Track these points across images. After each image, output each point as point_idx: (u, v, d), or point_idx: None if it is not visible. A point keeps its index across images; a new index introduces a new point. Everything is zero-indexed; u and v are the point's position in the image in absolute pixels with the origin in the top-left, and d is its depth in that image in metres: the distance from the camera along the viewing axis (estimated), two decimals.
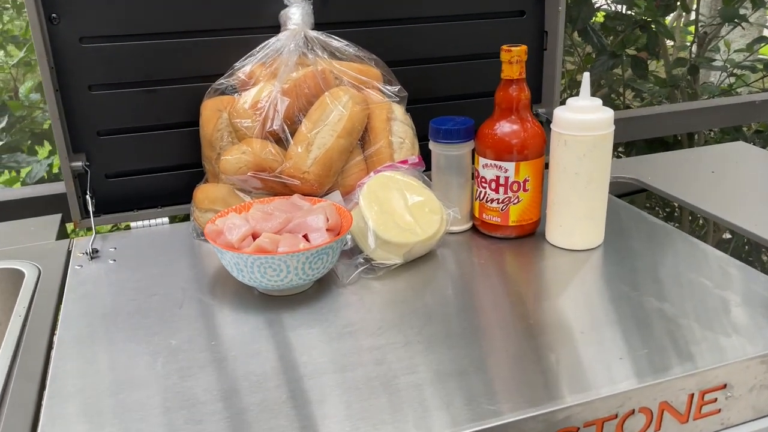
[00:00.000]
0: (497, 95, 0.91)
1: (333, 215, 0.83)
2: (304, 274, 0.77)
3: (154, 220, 1.03)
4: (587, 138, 0.85)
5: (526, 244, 0.94)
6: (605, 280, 0.84)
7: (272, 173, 0.89)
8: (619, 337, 0.72)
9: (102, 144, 1.01)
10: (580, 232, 0.90)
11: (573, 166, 0.87)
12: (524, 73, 0.89)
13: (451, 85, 1.15)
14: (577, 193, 0.88)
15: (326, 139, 0.90)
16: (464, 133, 0.93)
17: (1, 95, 1.76)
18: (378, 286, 0.83)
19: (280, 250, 0.76)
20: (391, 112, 0.98)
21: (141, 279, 0.87)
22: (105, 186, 1.03)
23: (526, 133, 0.90)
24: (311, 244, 0.78)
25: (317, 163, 0.90)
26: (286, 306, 0.79)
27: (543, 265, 0.89)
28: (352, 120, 0.92)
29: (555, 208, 0.91)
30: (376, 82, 0.99)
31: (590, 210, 0.89)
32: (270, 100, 0.90)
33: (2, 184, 1.69)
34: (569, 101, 0.87)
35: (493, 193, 0.92)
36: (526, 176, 0.91)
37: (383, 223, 0.85)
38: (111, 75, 0.99)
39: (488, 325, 0.75)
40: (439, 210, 0.90)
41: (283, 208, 0.84)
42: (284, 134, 0.91)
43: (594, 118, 0.85)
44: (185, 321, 0.77)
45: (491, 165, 0.91)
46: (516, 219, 0.93)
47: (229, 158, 0.89)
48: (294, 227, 0.80)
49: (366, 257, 0.86)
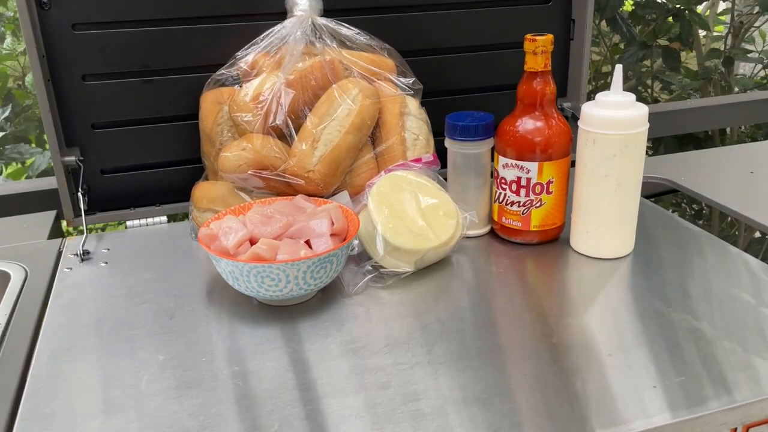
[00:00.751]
0: (520, 89, 0.83)
1: (339, 219, 0.76)
2: (306, 284, 0.71)
3: (151, 219, 0.97)
4: (618, 137, 0.77)
5: (549, 251, 0.86)
6: (634, 293, 0.76)
7: (274, 172, 0.82)
8: (651, 362, 0.64)
9: (97, 137, 0.95)
10: (607, 239, 0.82)
11: (602, 168, 0.79)
12: (550, 65, 0.82)
13: (470, 77, 1.07)
14: (606, 197, 0.80)
15: (333, 135, 0.84)
16: (483, 130, 0.86)
17: (7, 83, 1.71)
18: (386, 297, 0.77)
19: (279, 257, 0.69)
20: (405, 106, 0.90)
21: (132, 284, 0.81)
22: (100, 182, 0.98)
23: (550, 131, 0.82)
24: (313, 252, 0.71)
25: (323, 162, 0.83)
26: (285, 318, 0.73)
27: (566, 276, 0.81)
28: (361, 114, 0.85)
29: (581, 213, 0.83)
30: (389, 74, 0.92)
31: (620, 216, 0.81)
32: (273, 92, 0.83)
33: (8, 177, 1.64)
34: (599, 96, 0.79)
35: (514, 196, 0.85)
36: (550, 177, 0.83)
37: (393, 228, 0.78)
38: (106, 64, 0.92)
39: (507, 344, 0.68)
40: (455, 213, 0.83)
41: (284, 210, 0.77)
42: (288, 130, 0.84)
43: (626, 114, 0.77)
44: (175, 333, 0.71)
45: (512, 165, 0.84)
46: (538, 224, 0.86)
47: (229, 155, 0.83)
48: (295, 232, 0.73)
49: (374, 264, 0.80)
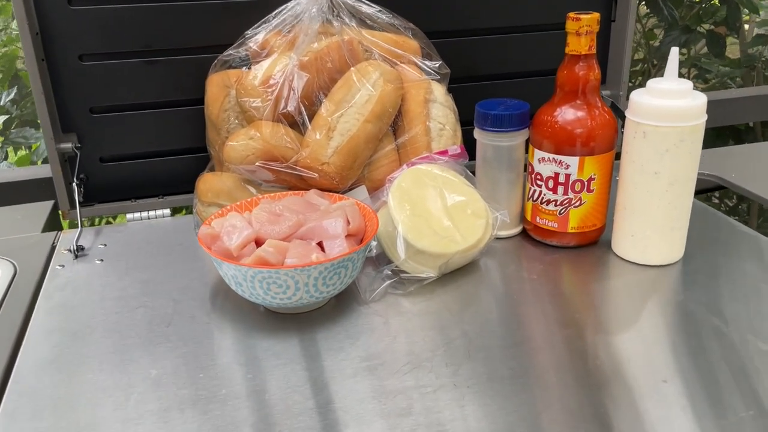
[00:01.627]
0: (560, 74, 0.74)
1: (356, 217, 0.68)
2: (317, 291, 0.63)
3: (153, 212, 0.90)
4: (673, 130, 0.68)
5: (588, 256, 0.78)
6: (687, 307, 0.67)
7: (285, 164, 0.74)
8: (714, 390, 0.56)
9: (95, 123, 0.88)
10: (656, 244, 0.74)
11: (652, 164, 0.70)
12: (595, 47, 0.73)
13: (503, 61, 0.98)
14: (656, 197, 0.71)
15: (351, 123, 0.75)
16: (517, 120, 0.77)
17: (15, 65, 1.65)
18: (407, 306, 0.69)
19: (288, 262, 0.62)
20: (430, 92, 0.82)
21: (128, 286, 0.73)
22: (99, 171, 0.90)
23: (594, 122, 0.74)
24: (326, 256, 0.63)
25: (339, 153, 0.75)
26: (294, 328, 0.65)
27: (608, 285, 0.72)
28: (382, 101, 0.77)
29: (626, 214, 0.75)
30: (414, 57, 0.83)
31: (670, 218, 0.72)
32: (284, 75, 0.75)
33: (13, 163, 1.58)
34: (651, 83, 0.70)
35: (551, 193, 0.76)
36: (591, 174, 0.74)
37: (416, 229, 0.70)
38: (106, 43, 0.85)
39: (541, 366, 0.59)
40: (484, 213, 0.75)
41: (295, 207, 0.69)
42: (301, 117, 0.76)
43: (683, 104, 0.68)
44: (171, 344, 0.63)
45: (549, 159, 0.75)
46: (576, 225, 0.77)
47: (235, 144, 0.75)
48: (306, 232, 0.66)
49: (394, 268, 0.71)
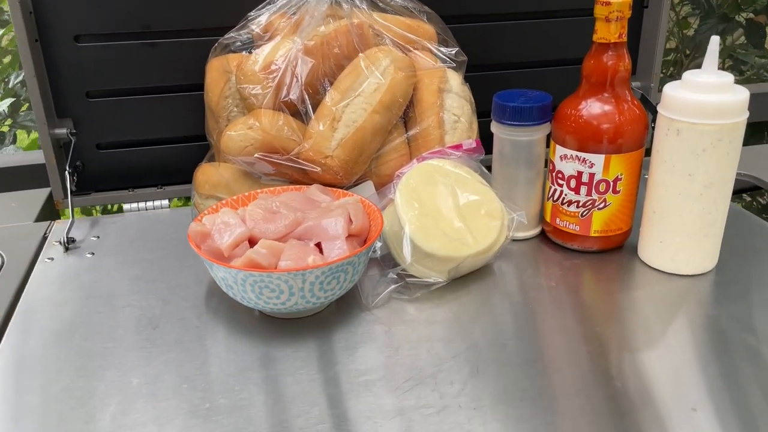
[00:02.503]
0: (586, 64, 0.68)
1: (359, 216, 0.63)
2: (314, 296, 0.58)
3: (151, 203, 0.86)
4: (711, 128, 0.62)
5: (612, 262, 0.72)
6: (720, 323, 0.61)
7: (286, 156, 0.69)
8: (750, 420, 0.50)
9: (92, 108, 0.84)
10: (686, 252, 0.67)
11: (686, 165, 0.64)
12: (625, 35, 0.66)
13: (524, 49, 0.92)
14: (689, 201, 0.65)
15: (357, 114, 0.70)
16: (538, 113, 0.71)
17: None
18: (413, 314, 0.63)
19: (282, 264, 0.57)
20: (445, 81, 0.76)
21: (117, 282, 0.69)
22: (96, 159, 0.86)
23: (622, 117, 0.67)
24: (323, 259, 0.58)
25: (344, 146, 0.69)
26: (290, 335, 0.60)
27: (633, 296, 0.66)
28: (392, 90, 0.71)
29: (655, 219, 0.68)
30: (428, 42, 0.77)
31: (704, 224, 0.66)
32: (287, 60, 0.70)
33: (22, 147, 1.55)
34: (687, 75, 0.64)
35: (573, 194, 0.70)
36: (618, 174, 0.68)
37: (424, 230, 0.65)
38: (103, 24, 0.80)
39: (559, 386, 0.54)
40: (500, 213, 0.69)
41: (294, 203, 0.64)
42: (304, 106, 0.71)
43: (722, 99, 0.61)
44: (157, 349, 0.59)
45: (572, 157, 0.69)
46: (600, 228, 0.71)
47: (233, 134, 0.70)
48: (304, 232, 0.61)
49: (400, 272, 0.66)
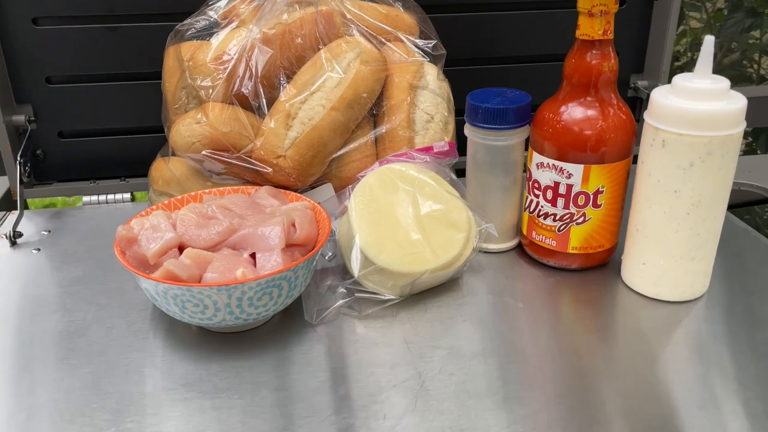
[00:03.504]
0: (567, 63, 0.61)
1: (306, 224, 0.58)
2: (243, 312, 0.53)
3: (112, 196, 0.82)
4: (700, 140, 0.55)
5: (592, 283, 0.65)
6: (710, 361, 0.54)
7: (236, 154, 0.64)
8: None
9: (53, 94, 0.80)
10: (671, 276, 0.60)
11: (672, 180, 0.57)
12: (611, 31, 0.59)
13: (513, 42, 0.85)
14: (675, 220, 0.58)
15: (315, 111, 0.64)
16: (515, 116, 0.64)
17: None
18: (360, 333, 0.58)
19: (208, 277, 0.52)
20: (420, 77, 0.70)
21: (55, 283, 0.65)
22: (58, 147, 0.82)
23: (605, 123, 0.60)
24: (255, 273, 0.53)
25: (298, 145, 0.64)
26: (223, 352, 0.55)
27: (611, 322, 0.60)
28: (355, 86, 0.65)
29: (638, 238, 0.61)
30: (403, 34, 0.71)
31: (692, 246, 0.59)
32: (241, 50, 0.64)
33: None
34: (677, 79, 0.56)
35: (549, 206, 0.64)
36: (599, 186, 0.62)
37: (377, 241, 0.59)
38: (62, 5, 0.76)
39: (516, 427, 0.48)
40: (466, 225, 0.63)
41: (236, 207, 0.59)
42: (258, 101, 0.65)
43: (715, 108, 0.54)
44: (75, 361, 0.55)
45: (549, 166, 0.62)
46: (579, 245, 0.64)
47: (181, 128, 0.65)
48: (239, 240, 0.55)
49: (349, 286, 0.61)
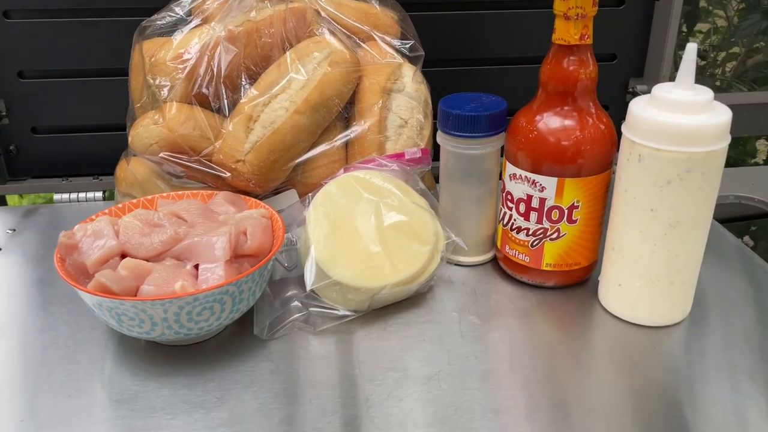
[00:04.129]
0: (543, 69, 0.57)
1: (258, 233, 0.55)
2: (182, 327, 0.50)
3: (83, 194, 0.80)
4: (678, 156, 0.50)
5: (568, 302, 0.61)
6: (678, 395, 0.51)
7: (194, 157, 0.61)
8: None
9: (25, 89, 0.78)
10: (649, 300, 0.56)
11: (648, 198, 0.53)
12: (590, 35, 0.55)
13: (501, 42, 0.81)
14: (651, 241, 0.54)
15: (277, 114, 0.61)
16: (488, 123, 0.61)
17: None
18: (313, 351, 0.55)
19: (145, 290, 0.49)
20: (395, 79, 0.67)
21: (10, 284, 0.63)
22: (31, 143, 0.81)
23: (582, 134, 0.57)
24: (193, 287, 0.50)
25: (258, 149, 0.61)
26: (166, 366, 0.53)
27: (583, 346, 0.56)
28: (321, 89, 0.62)
29: (614, 257, 0.58)
30: (379, 33, 0.68)
31: (670, 269, 0.55)
32: (203, 49, 0.62)
33: None
34: (657, 89, 0.52)
35: (522, 220, 0.60)
36: (574, 200, 0.58)
37: (334, 253, 0.56)
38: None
39: None
40: (432, 238, 0.59)
41: (187, 214, 0.56)
42: (219, 102, 0.62)
43: (695, 122, 0.50)
44: (13, 371, 0.53)
45: (521, 177, 0.59)
46: (553, 261, 0.61)
47: (139, 129, 0.63)
48: (183, 250, 0.53)
49: (304, 300, 0.58)
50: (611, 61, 0.84)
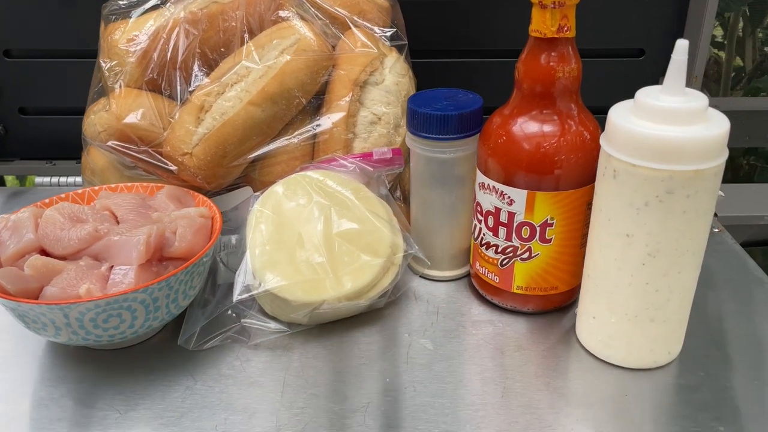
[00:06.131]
0: (519, 66, 0.50)
1: (189, 234, 0.50)
2: (90, 334, 0.47)
3: (65, 179, 0.78)
4: (658, 174, 0.42)
5: (541, 331, 0.54)
6: None
7: (143, 147, 0.57)
8: None
9: (12, 68, 0.76)
10: (625, 338, 0.48)
11: (624, 221, 0.45)
12: (571, 27, 0.47)
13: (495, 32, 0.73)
14: (627, 270, 0.46)
15: (231, 104, 0.56)
16: (459, 123, 0.54)
17: None
18: (238, 367, 0.50)
19: (49, 292, 0.46)
20: (372, 71, 0.60)
21: None
22: (19, 124, 0.79)
23: (558, 141, 0.49)
24: (100, 291, 0.46)
25: (206, 142, 0.56)
26: (77, 370, 0.49)
27: (554, 386, 0.49)
28: (281, 78, 0.57)
29: (589, 286, 0.50)
30: (366, 22, 0.62)
31: (650, 305, 0.46)
32: (159, 32, 0.57)
33: None
34: (640, 94, 0.44)
35: (491, 235, 0.53)
36: (547, 217, 0.50)
37: (270, 260, 0.51)
38: None
39: None
40: (386, 250, 0.53)
41: (119, 209, 0.52)
42: (171, 90, 0.58)
43: (679, 135, 0.41)
44: None
45: (490, 188, 0.52)
46: (524, 284, 0.53)
47: (91, 116, 0.60)
48: (102, 250, 0.49)
49: (238, 309, 0.53)
50: (639, 56, 0.75)
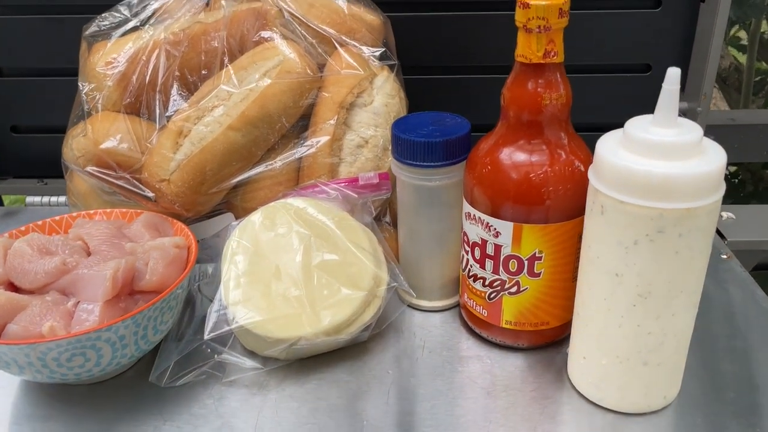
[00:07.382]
0: (505, 92, 0.47)
1: (160, 266, 0.48)
2: (53, 372, 0.45)
3: (55, 198, 0.77)
4: (648, 212, 0.39)
5: (531, 370, 0.51)
6: None
7: (119, 174, 0.56)
8: None
9: (4, 86, 0.75)
10: (616, 381, 0.45)
11: (613, 260, 0.42)
12: (558, 53, 0.45)
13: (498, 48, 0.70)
14: (618, 311, 0.43)
15: (210, 129, 0.54)
16: (444, 150, 0.51)
17: None
18: (211, 406, 0.48)
19: (9, 329, 0.44)
20: (360, 92, 0.58)
21: None
22: (11, 143, 0.78)
23: (546, 172, 0.46)
24: (64, 330, 0.44)
25: (184, 168, 0.54)
26: (51, 407, 0.48)
27: (536, 429, 0.46)
28: (262, 102, 0.55)
29: (579, 325, 0.47)
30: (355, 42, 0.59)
31: (642, 348, 0.43)
32: (138, 54, 0.56)
33: None
34: (629, 125, 0.41)
35: (477, 267, 0.51)
36: (535, 250, 0.47)
37: (244, 294, 0.49)
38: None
39: None
40: (368, 282, 0.51)
41: (92, 239, 0.51)
42: (149, 113, 0.56)
43: (670, 171, 0.38)
44: None
45: (475, 218, 0.49)
46: (513, 319, 0.51)
47: (69, 140, 0.58)
48: (68, 284, 0.47)
49: (213, 344, 0.51)
50: (644, 72, 0.72)
